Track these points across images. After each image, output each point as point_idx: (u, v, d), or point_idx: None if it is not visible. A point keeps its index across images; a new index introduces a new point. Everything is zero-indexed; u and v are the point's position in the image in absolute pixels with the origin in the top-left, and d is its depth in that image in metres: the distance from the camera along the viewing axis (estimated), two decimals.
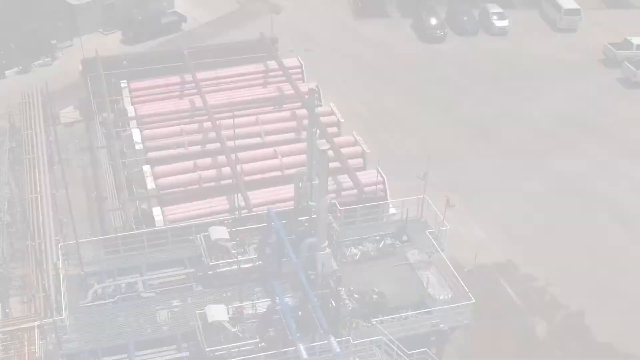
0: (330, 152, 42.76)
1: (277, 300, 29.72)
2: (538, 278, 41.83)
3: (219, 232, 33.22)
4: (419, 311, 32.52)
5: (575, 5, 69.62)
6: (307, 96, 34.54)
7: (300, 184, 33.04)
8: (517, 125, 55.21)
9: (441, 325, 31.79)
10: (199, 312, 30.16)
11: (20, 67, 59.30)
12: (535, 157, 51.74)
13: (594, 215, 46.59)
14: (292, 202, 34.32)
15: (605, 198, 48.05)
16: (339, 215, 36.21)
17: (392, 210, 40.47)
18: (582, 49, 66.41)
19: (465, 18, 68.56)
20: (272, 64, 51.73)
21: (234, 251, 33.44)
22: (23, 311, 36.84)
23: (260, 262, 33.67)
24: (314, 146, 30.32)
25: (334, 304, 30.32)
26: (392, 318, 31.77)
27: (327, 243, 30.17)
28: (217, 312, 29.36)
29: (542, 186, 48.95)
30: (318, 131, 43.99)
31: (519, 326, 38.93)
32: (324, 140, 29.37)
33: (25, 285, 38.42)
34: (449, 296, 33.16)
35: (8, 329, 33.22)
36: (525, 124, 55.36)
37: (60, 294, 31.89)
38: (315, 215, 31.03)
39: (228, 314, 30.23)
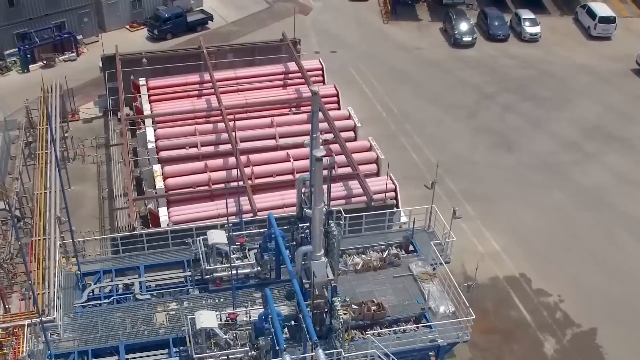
0: (337, 158, 42.79)
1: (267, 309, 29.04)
2: (551, 294, 40.58)
3: (218, 236, 32.64)
4: (418, 325, 31.66)
5: (610, 13, 67.91)
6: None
7: (303, 189, 32.39)
8: (542, 135, 53.78)
9: (439, 341, 30.85)
10: (189, 317, 29.67)
11: (44, 62, 59.58)
12: (558, 169, 50.31)
13: (614, 231, 45.07)
14: None
15: (626, 214, 46.45)
16: (341, 222, 35.48)
17: (403, 219, 39.64)
18: (616, 57, 64.71)
19: (496, 23, 67.23)
20: (293, 65, 51.22)
21: (233, 255, 32.91)
22: (25, 308, 36.71)
23: (259, 267, 33.13)
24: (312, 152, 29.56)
25: (327, 315, 29.70)
26: (388, 331, 30.99)
27: (322, 252, 29.42)
28: (207, 319, 28.78)
29: (563, 199, 47.55)
30: (330, 135, 44.12)
31: (527, 342, 37.74)
32: (321, 147, 28.56)
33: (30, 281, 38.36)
34: (451, 310, 32.21)
35: (4, 325, 33.26)
36: (550, 134, 53.92)
37: (55, 293, 31.64)
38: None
39: (220, 320, 29.73)
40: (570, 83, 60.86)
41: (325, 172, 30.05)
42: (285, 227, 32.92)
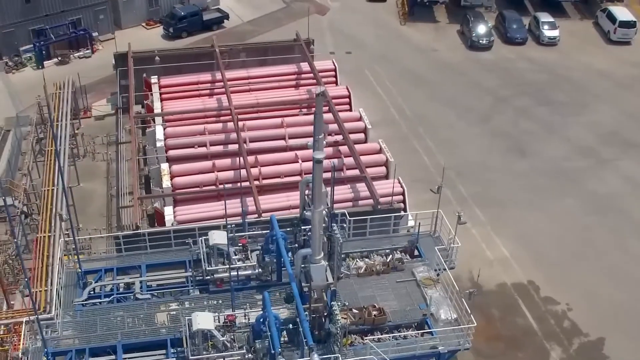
0: (345, 160, 42.48)
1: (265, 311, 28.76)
2: (559, 302, 39.96)
3: (219, 237, 32.40)
4: (418, 331, 31.20)
5: (630, 17, 66.87)
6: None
7: (306, 191, 32.05)
8: (557, 141, 53.02)
9: (440, 348, 30.40)
10: (187, 318, 29.45)
11: (59, 58, 59.69)
12: (572, 175, 49.57)
13: (626, 239, 44.34)
14: None
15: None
16: (346, 225, 35.12)
17: (411, 223, 39.15)
18: (635, 62, 63.77)
19: (514, 26, 66.48)
20: (305, 65, 50.92)
21: (234, 257, 32.65)
22: (27, 305, 36.71)
23: (260, 269, 32.86)
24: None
25: (325, 319, 29.37)
26: (388, 337, 30.58)
27: (322, 255, 29.06)
28: (204, 320, 28.55)
29: (575, 206, 46.84)
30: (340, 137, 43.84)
31: (533, 351, 37.19)
32: (321, 149, 28.15)
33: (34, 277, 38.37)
34: (453, 317, 31.72)
35: (4, 322, 33.28)
36: (565, 140, 53.14)
37: (55, 291, 31.55)
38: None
39: (219, 322, 29.48)
40: (588, 88, 60.01)
41: (329, 175, 29.82)
42: (288, 229, 32.62)
